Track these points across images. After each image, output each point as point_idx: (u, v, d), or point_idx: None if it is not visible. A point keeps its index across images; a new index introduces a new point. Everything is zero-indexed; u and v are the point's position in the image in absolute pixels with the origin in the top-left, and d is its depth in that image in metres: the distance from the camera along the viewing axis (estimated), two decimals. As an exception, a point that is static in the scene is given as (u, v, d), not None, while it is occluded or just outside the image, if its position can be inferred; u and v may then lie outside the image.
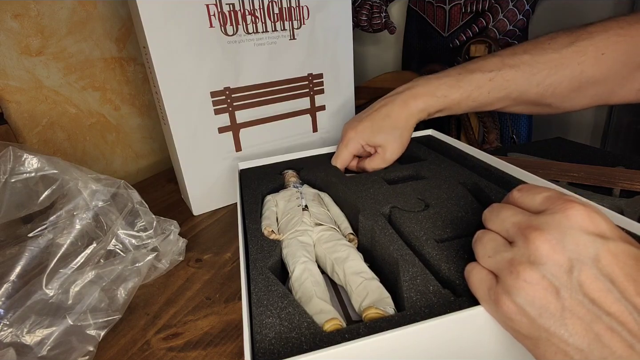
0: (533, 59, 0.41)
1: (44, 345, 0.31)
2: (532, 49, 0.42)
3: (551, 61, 0.40)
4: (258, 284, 0.29)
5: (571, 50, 0.40)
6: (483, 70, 0.43)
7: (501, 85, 0.42)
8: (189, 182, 0.54)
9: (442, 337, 0.23)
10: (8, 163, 0.35)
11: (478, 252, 0.24)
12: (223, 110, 0.54)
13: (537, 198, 0.22)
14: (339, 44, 0.61)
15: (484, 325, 0.24)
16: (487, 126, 0.88)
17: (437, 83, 0.44)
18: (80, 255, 0.36)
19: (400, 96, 0.44)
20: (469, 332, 0.24)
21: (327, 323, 0.25)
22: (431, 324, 0.23)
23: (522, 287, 0.20)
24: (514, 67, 0.42)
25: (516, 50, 0.43)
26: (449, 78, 0.44)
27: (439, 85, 0.43)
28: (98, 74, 0.66)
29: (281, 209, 0.40)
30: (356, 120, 0.46)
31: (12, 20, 0.54)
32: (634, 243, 0.20)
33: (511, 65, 0.42)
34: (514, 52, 0.43)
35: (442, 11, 0.95)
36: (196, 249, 0.48)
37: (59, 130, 0.62)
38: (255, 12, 0.51)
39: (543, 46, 0.41)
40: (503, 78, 0.42)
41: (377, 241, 0.33)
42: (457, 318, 0.23)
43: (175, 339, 0.35)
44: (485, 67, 0.43)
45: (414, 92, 0.44)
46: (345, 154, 0.47)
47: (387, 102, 0.45)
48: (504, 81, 0.42)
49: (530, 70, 0.41)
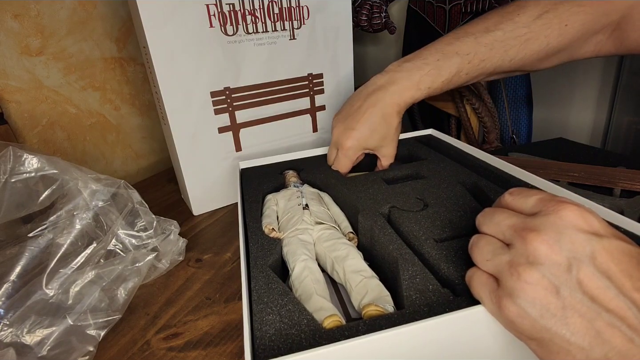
0: (504, 35, 0.43)
1: (44, 345, 0.31)
2: (502, 23, 0.43)
3: (521, 36, 0.43)
4: (258, 281, 0.29)
5: (539, 24, 0.42)
6: (461, 54, 0.43)
7: (478, 66, 0.44)
8: (189, 182, 0.54)
9: (441, 335, 0.23)
10: (8, 163, 0.35)
11: (476, 257, 0.24)
12: (223, 110, 0.54)
13: (530, 200, 0.23)
14: (339, 44, 0.61)
15: (482, 324, 0.24)
16: (487, 126, 0.88)
17: (419, 74, 0.44)
18: (80, 255, 0.36)
19: (386, 94, 0.44)
20: (468, 331, 0.24)
21: (327, 320, 0.25)
22: (430, 323, 0.23)
23: (523, 288, 0.20)
24: (488, 45, 0.43)
25: (488, 26, 0.44)
26: (429, 67, 0.44)
27: (421, 77, 0.44)
28: (98, 74, 0.66)
29: (282, 208, 0.40)
30: (350, 128, 0.45)
31: (12, 20, 0.54)
32: (626, 240, 0.20)
33: (485, 44, 0.43)
34: (487, 29, 0.44)
35: (442, 11, 0.95)
36: (196, 249, 0.48)
37: (59, 130, 0.62)
38: (255, 12, 0.51)
39: (513, 18, 0.43)
40: (479, 59, 0.44)
41: (377, 241, 0.33)
42: (456, 317, 0.23)
43: (175, 339, 0.35)
44: (462, 50, 0.44)
45: (398, 88, 0.44)
46: (346, 162, 0.46)
47: (374, 102, 0.44)
48: (480, 61, 0.44)
49: (503, 47, 0.43)
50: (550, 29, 0.42)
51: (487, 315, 0.23)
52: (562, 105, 1.12)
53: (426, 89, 0.44)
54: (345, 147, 0.45)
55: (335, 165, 0.47)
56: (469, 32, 0.44)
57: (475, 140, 0.91)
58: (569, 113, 1.12)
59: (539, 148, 0.63)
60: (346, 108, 0.47)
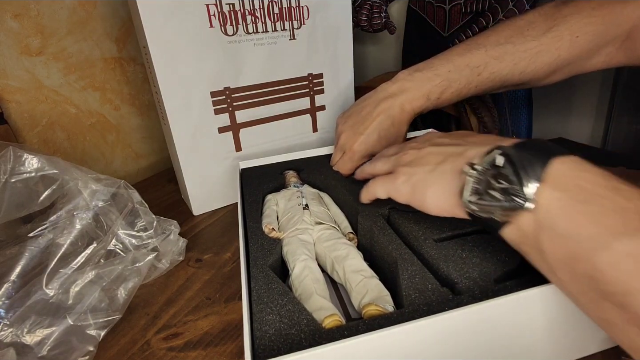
0: (515, 47, 0.43)
1: (44, 345, 0.31)
2: (513, 37, 0.44)
3: (532, 49, 0.43)
4: (258, 281, 0.29)
5: (550, 37, 0.42)
6: (471, 66, 0.44)
7: (487, 78, 0.44)
8: (189, 182, 0.54)
9: (440, 334, 0.23)
10: (8, 163, 0.35)
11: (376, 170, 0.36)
12: (223, 110, 0.54)
13: (390, 151, 0.36)
14: (339, 44, 0.61)
15: (481, 322, 0.24)
16: (487, 126, 0.88)
17: (429, 85, 0.44)
18: (81, 255, 0.36)
19: (396, 101, 0.44)
20: (467, 330, 0.24)
21: (327, 319, 0.25)
22: (429, 321, 0.23)
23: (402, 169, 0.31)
24: (498, 58, 0.44)
25: (499, 39, 0.44)
26: (440, 78, 0.44)
27: (432, 88, 0.44)
28: (98, 74, 0.66)
29: (282, 208, 0.40)
30: (358, 133, 0.45)
31: (12, 20, 0.54)
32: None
33: (495, 57, 0.44)
34: (498, 42, 0.44)
35: (442, 11, 0.95)
36: (196, 249, 0.48)
37: (59, 130, 0.62)
38: (255, 12, 0.51)
39: (523, 33, 0.43)
40: (489, 71, 0.44)
41: (376, 241, 0.33)
42: (455, 315, 0.23)
43: (175, 339, 0.35)
44: (472, 62, 0.44)
45: (409, 97, 0.44)
46: (351, 166, 0.46)
47: (385, 109, 0.44)
48: (490, 74, 0.44)
49: (513, 59, 0.43)
50: (561, 41, 0.42)
51: (486, 314, 0.23)
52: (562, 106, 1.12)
53: (435, 99, 0.44)
54: (353, 151, 0.45)
55: (339, 166, 0.47)
56: (480, 44, 0.45)
57: (475, 140, 0.90)
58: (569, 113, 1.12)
59: (539, 148, 0.63)
60: (354, 113, 0.47)
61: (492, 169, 0.23)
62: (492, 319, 0.24)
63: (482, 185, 0.24)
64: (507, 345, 0.25)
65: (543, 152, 0.22)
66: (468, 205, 0.25)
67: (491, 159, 0.24)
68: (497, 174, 0.23)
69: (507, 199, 0.22)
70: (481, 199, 0.24)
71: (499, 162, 0.23)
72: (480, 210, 0.24)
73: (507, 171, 0.22)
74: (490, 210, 0.23)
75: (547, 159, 0.22)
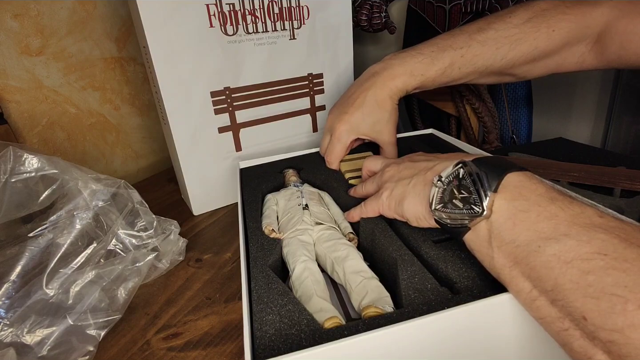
0: (497, 33, 0.45)
1: (44, 345, 0.31)
2: (496, 23, 0.46)
3: (512, 35, 0.45)
4: (258, 281, 0.29)
5: (529, 26, 0.45)
6: (454, 47, 0.46)
7: (470, 61, 0.46)
8: (189, 182, 0.54)
9: (440, 333, 0.24)
10: (8, 163, 0.35)
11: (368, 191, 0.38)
12: (223, 110, 0.54)
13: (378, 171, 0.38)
14: (339, 44, 0.61)
15: (480, 321, 0.24)
16: (487, 126, 0.88)
17: (412, 62, 0.45)
18: (81, 255, 0.36)
19: (379, 78, 0.45)
20: (465, 329, 0.24)
21: (327, 321, 0.25)
22: (428, 320, 0.23)
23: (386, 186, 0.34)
24: (481, 42, 0.46)
25: (481, 25, 0.46)
26: (423, 56, 0.45)
27: (415, 64, 0.45)
28: (98, 74, 0.66)
29: (281, 208, 0.40)
30: (343, 112, 0.46)
31: (12, 20, 0.54)
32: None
33: (478, 40, 0.46)
34: (480, 28, 0.46)
35: (442, 11, 0.95)
36: (196, 249, 0.48)
37: (59, 130, 0.62)
38: (255, 12, 0.51)
39: (505, 19, 0.46)
40: (472, 54, 0.46)
41: (377, 243, 0.33)
42: (454, 314, 0.23)
43: (175, 339, 0.35)
44: (455, 44, 0.46)
45: (392, 73, 0.45)
46: (339, 149, 0.47)
47: (368, 87, 0.46)
48: (473, 56, 0.46)
49: (495, 44, 0.45)
50: (539, 32, 0.45)
51: (485, 314, 0.24)
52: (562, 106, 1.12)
53: (419, 75, 0.45)
54: (338, 131, 0.46)
55: (328, 151, 0.47)
56: (463, 30, 0.47)
57: (475, 140, 0.91)
58: (569, 113, 1.12)
59: (539, 148, 0.63)
60: (342, 97, 0.49)
61: (455, 181, 0.26)
62: (490, 317, 0.24)
63: (447, 195, 0.26)
64: (506, 343, 0.25)
65: (499, 167, 0.25)
66: (435, 213, 0.27)
67: (455, 172, 0.27)
68: (459, 185, 0.26)
69: (466, 207, 0.25)
70: (445, 207, 0.26)
71: (461, 175, 0.26)
72: (447, 218, 0.26)
73: (467, 183, 0.25)
74: (455, 217, 0.26)
75: (503, 172, 0.25)
